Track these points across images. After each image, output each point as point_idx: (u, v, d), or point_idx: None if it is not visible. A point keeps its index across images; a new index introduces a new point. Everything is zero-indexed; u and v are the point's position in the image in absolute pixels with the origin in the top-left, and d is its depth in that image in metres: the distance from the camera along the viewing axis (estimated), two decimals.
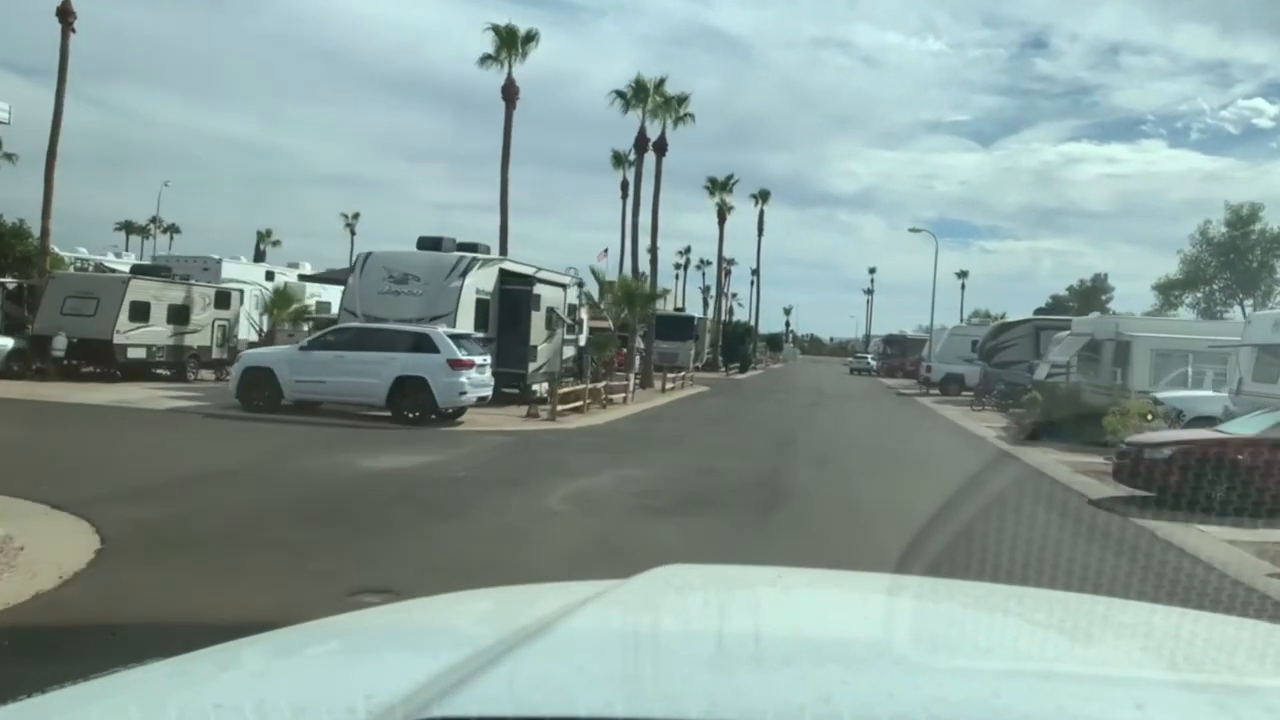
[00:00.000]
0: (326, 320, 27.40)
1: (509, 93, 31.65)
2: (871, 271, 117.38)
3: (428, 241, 22.54)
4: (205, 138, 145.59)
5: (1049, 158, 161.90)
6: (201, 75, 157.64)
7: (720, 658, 1.47)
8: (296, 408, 18.06)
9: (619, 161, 47.91)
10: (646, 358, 36.33)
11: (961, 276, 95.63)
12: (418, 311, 20.43)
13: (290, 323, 30.50)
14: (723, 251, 65.32)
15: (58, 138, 26.66)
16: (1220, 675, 1.51)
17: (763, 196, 69.13)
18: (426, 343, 17.81)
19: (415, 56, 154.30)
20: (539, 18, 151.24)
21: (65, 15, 26.27)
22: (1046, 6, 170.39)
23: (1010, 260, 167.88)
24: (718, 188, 58.86)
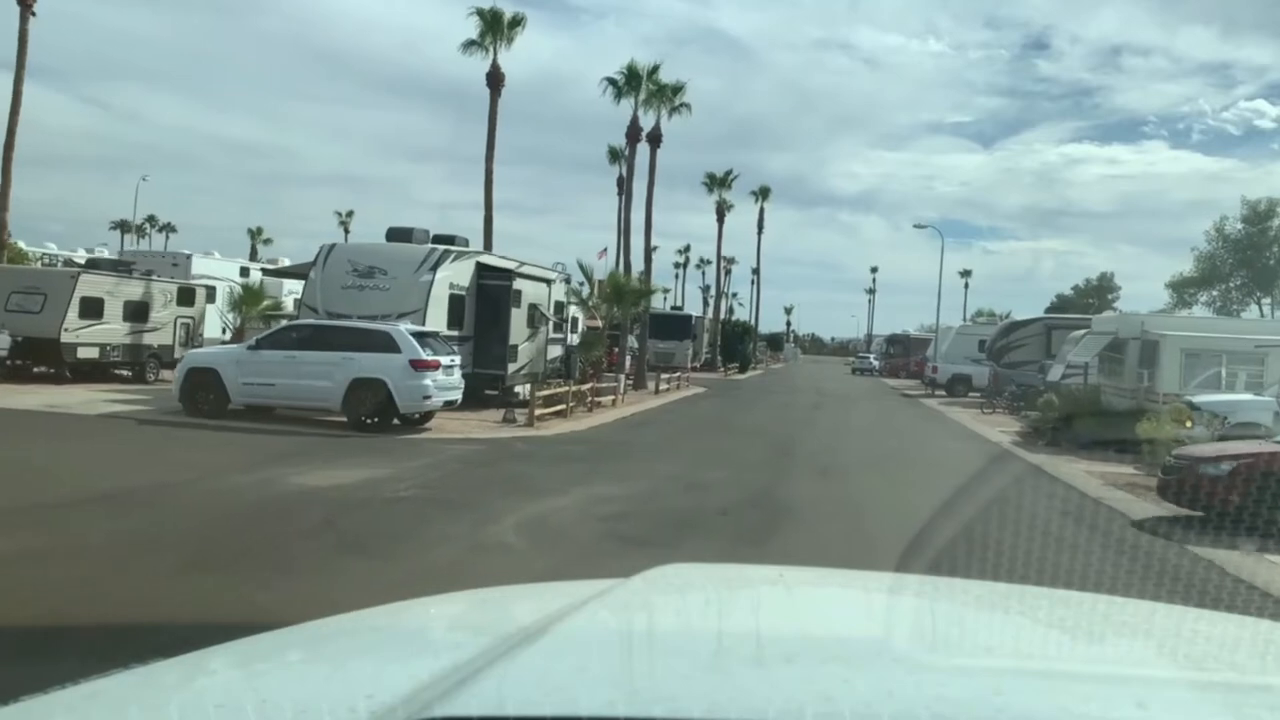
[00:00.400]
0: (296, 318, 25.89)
1: (494, 79, 30.09)
2: (873, 271, 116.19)
3: (397, 233, 20.92)
4: (205, 138, 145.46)
5: (1050, 159, 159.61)
6: (201, 75, 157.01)
7: (721, 657, 1.46)
8: (246, 413, 16.39)
9: (615, 156, 46.60)
10: (640, 358, 34.54)
11: (965, 275, 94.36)
12: (384, 308, 18.79)
13: (261, 320, 29.01)
14: (722, 250, 64.14)
15: (16, 127, 25.37)
16: (1222, 674, 1.50)
17: (763, 194, 67.64)
18: (387, 341, 16.05)
19: (416, 56, 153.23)
20: (541, 19, 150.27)
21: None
22: (1048, 8, 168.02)
23: (1012, 260, 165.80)
24: (717, 184, 57.40)
